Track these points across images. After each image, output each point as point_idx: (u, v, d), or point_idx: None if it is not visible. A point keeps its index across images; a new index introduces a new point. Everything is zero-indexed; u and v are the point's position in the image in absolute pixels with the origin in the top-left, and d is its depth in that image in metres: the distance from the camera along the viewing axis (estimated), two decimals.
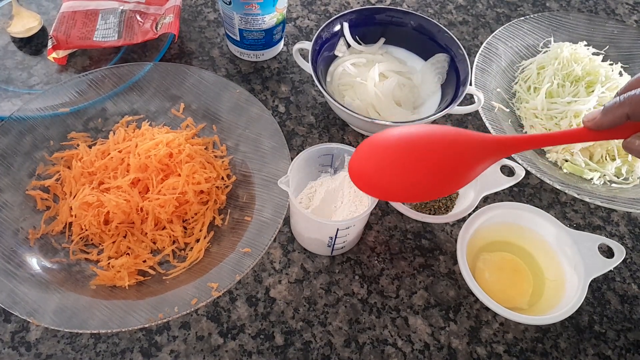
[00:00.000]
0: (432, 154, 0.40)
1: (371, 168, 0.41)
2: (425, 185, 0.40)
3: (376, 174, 0.41)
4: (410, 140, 0.41)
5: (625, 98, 0.35)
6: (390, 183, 0.40)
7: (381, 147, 0.41)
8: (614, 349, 0.49)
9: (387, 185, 0.40)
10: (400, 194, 0.42)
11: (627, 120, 0.35)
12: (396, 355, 0.47)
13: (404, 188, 0.40)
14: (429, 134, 0.41)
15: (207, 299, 0.43)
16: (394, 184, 0.40)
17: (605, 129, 0.36)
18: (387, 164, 0.40)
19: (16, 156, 0.52)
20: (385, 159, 0.40)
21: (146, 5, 0.69)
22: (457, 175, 0.40)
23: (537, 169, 0.54)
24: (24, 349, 0.45)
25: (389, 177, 0.40)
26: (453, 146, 0.40)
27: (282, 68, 0.67)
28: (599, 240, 0.48)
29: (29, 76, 0.64)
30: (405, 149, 0.40)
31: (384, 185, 0.40)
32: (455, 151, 0.39)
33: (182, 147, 0.53)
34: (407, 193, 0.41)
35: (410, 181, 0.40)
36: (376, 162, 0.41)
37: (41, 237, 0.49)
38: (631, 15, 0.80)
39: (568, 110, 0.58)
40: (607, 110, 0.36)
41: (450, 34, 0.60)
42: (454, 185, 0.40)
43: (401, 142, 0.41)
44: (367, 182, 0.41)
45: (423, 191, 0.40)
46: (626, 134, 0.36)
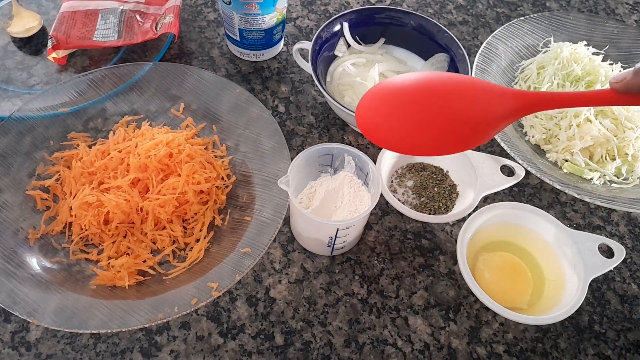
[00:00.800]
0: (449, 103, 0.36)
1: (382, 115, 0.37)
2: (443, 139, 0.36)
3: (386, 122, 0.37)
4: (427, 87, 0.37)
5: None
6: (402, 133, 0.36)
7: (394, 92, 0.37)
8: (614, 349, 0.49)
9: (399, 135, 0.36)
10: (413, 146, 0.38)
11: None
12: (396, 355, 0.47)
13: (417, 139, 0.36)
14: (447, 80, 0.37)
15: (207, 299, 0.43)
16: (407, 134, 0.36)
17: (635, 92, 0.33)
18: (399, 112, 0.36)
19: (16, 156, 0.52)
20: (398, 106, 0.37)
21: (146, 5, 0.69)
22: (475, 129, 0.36)
23: (537, 169, 0.54)
24: (24, 349, 0.45)
25: (401, 126, 0.36)
26: (473, 97, 0.36)
27: (282, 68, 0.67)
28: (599, 240, 0.48)
29: (29, 76, 0.64)
30: (421, 96, 0.36)
31: (395, 135, 0.37)
32: (476, 102, 0.36)
33: (182, 147, 0.53)
34: (421, 145, 0.37)
35: (425, 132, 0.36)
36: (388, 109, 0.37)
37: (41, 237, 0.49)
38: (631, 15, 0.80)
39: (568, 110, 0.58)
40: (639, 71, 0.32)
41: (450, 34, 0.60)
42: (472, 141, 0.36)
43: (417, 88, 0.37)
44: (376, 130, 0.37)
45: (440, 145, 0.37)
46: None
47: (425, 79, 0.37)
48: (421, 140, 0.36)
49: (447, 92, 0.36)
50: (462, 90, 0.36)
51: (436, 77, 0.37)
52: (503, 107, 0.36)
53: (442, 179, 0.56)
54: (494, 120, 0.36)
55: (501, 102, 0.36)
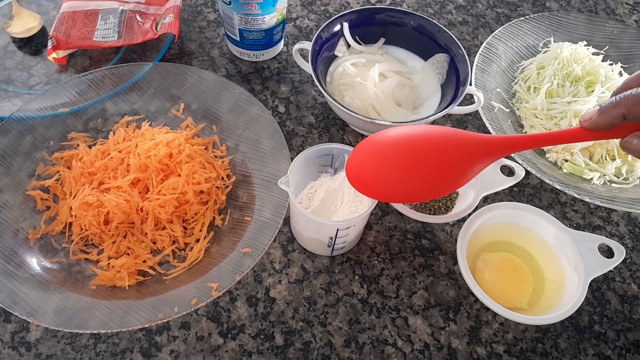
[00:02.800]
0: (430, 155, 0.40)
1: (369, 170, 0.41)
2: (424, 186, 0.40)
3: (374, 176, 0.41)
4: (408, 141, 0.41)
5: (621, 98, 0.34)
6: (389, 185, 0.40)
7: (379, 148, 0.41)
8: (614, 349, 0.49)
9: (386, 186, 0.41)
10: (399, 195, 0.42)
11: (623, 120, 0.35)
12: (396, 355, 0.47)
13: (402, 189, 0.40)
14: (427, 134, 0.41)
15: (207, 299, 0.43)
16: (393, 185, 0.40)
17: (601, 129, 0.36)
18: (385, 166, 0.40)
19: (16, 156, 0.52)
20: (383, 161, 0.41)
21: (146, 6, 0.69)
22: (455, 176, 0.40)
23: (537, 169, 0.54)
24: (24, 349, 0.45)
25: (388, 178, 0.40)
26: (451, 147, 0.40)
27: (282, 68, 0.67)
28: (599, 240, 0.48)
29: (29, 76, 0.64)
30: (404, 150, 0.40)
31: (383, 186, 0.41)
32: (453, 152, 0.40)
33: (182, 147, 0.53)
34: (406, 194, 0.41)
35: (409, 182, 0.40)
36: (374, 163, 0.41)
37: (41, 237, 0.49)
38: (631, 15, 0.80)
39: (568, 110, 0.58)
40: (603, 111, 0.35)
41: (450, 34, 0.60)
42: (453, 185, 0.41)
43: (399, 143, 0.41)
44: (365, 183, 0.41)
45: (422, 192, 0.41)
46: (623, 134, 0.36)
47: (406, 134, 0.42)
48: (405, 190, 0.40)
49: (427, 144, 0.40)
50: (441, 142, 0.40)
51: (416, 132, 0.42)
52: (481, 154, 0.40)
53: None
54: (473, 167, 0.40)
55: (479, 149, 0.40)
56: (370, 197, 0.44)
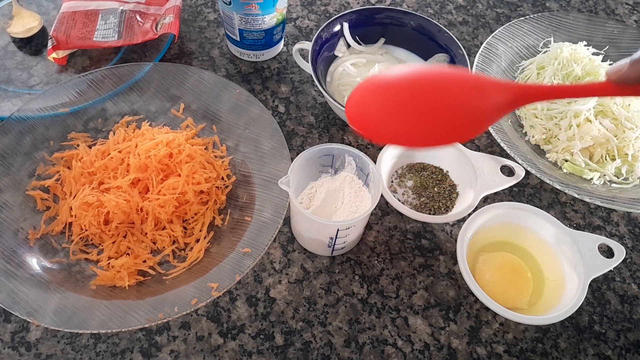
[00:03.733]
0: (441, 96, 0.35)
1: (374, 109, 0.36)
2: (435, 130, 0.35)
3: (378, 117, 0.36)
4: (418, 80, 0.36)
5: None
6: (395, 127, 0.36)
7: (386, 84, 0.37)
8: (614, 349, 0.49)
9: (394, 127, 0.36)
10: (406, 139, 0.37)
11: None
12: (396, 355, 0.47)
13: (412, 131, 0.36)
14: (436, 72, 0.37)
15: (207, 299, 0.43)
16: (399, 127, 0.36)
17: (631, 82, 0.32)
18: (391, 106, 0.36)
19: (16, 156, 0.52)
20: (390, 100, 0.36)
21: (146, 6, 0.69)
22: (470, 121, 0.35)
23: (537, 169, 0.54)
24: (24, 349, 0.45)
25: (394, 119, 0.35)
26: (466, 89, 0.35)
27: (282, 68, 0.67)
28: (599, 240, 0.48)
29: (29, 76, 0.64)
30: (413, 90, 0.36)
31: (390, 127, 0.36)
32: (468, 94, 0.35)
33: (182, 147, 0.53)
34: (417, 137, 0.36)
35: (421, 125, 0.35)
36: (380, 101, 0.36)
37: (41, 237, 0.49)
38: (631, 15, 0.80)
39: (568, 110, 0.58)
40: (635, 62, 0.31)
41: (450, 34, 0.60)
42: (467, 132, 0.36)
43: (408, 82, 0.36)
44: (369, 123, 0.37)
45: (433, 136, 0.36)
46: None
47: (417, 72, 0.37)
48: (413, 132, 0.36)
49: (440, 84, 0.36)
50: (454, 82, 0.36)
51: (428, 70, 0.37)
52: (497, 99, 0.35)
53: (442, 179, 0.56)
54: (488, 112, 0.35)
55: (495, 93, 0.35)
56: (376, 141, 0.39)
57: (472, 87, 0.36)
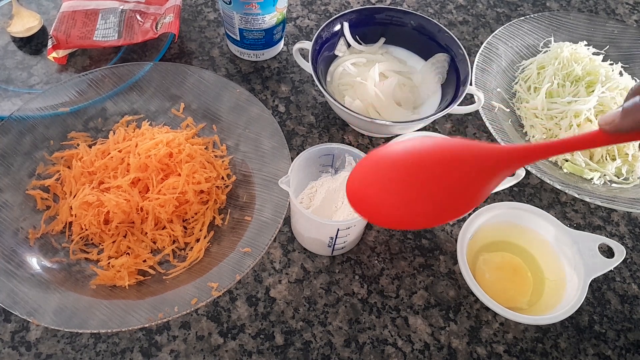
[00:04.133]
0: (441, 176, 0.35)
1: (373, 194, 0.36)
2: (434, 211, 0.36)
3: (380, 202, 0.36)
4: (416, 159, 0.36)
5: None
6: (397, 211, 0.36)
7: (383, 168, 0.37)
8: (614, 349, 0.49)
9: (394, 212, 0.36)
10: (408, 222, 0.37)
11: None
12: (396, 355, 0.47)
13: (411, 215, 0.36)
14: (435, 150, 0.37)
15: (207, 299, 0.43)
16: (401, 212, 0.36)
17: (624, 132, 0.33)
18: (391, 190, 0.36)
19: (16, 156, 0.52)
20: (389, 184, 0.36)
21: (146, 5, 0.69)
22: (471, 195, 0.36)
23: (537, 169, 0.54)
24: (24, 348, 0.45)
25: (396, 203, 0.36)
26: (463, 163, 0.35)
27: (282, 68, 0.67)
28: (599, 240, 0.48)
29: (29, 76, 0.64)
30: (411, 171, 0.36)
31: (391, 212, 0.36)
32: (466, 169, 0.35)
33: (182, 147, 0.53)
34: (417, 220, 0.37)
35: (421, 206, 0.36)
36: (379, 187, 0.36)
37: (41, 237, 0.49)
38: (631, 15, 0.80)
39: (568, 110, 0.58)
40: (627, 112, 0.32)
41: (451, 33, 0.60)
42: (467, 207, 0.36)
43: (407, 162, 0.37)
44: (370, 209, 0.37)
45: (434, 216, 0.36)
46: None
47: (414, 148, 0.37)
48: (413, 214, 0.36)
49: (436, 161, 0.36)
50: (450, 157, 0.36)
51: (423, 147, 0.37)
52: (495, 169, 0.35)
53: None
54: (488, 184, 0.36)
55: (493, 163, 0.35)
56: (376, 224, 0.39)
57: (468, 159, 0.36)
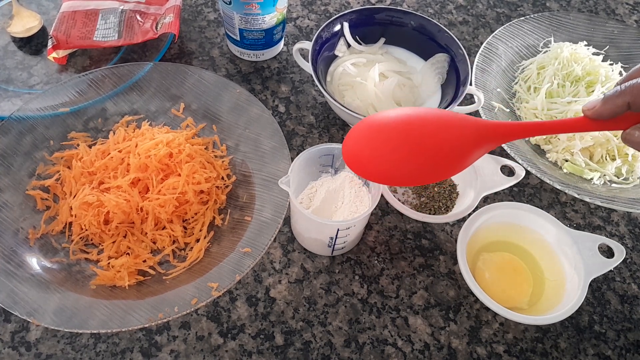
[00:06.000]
0: (431, 137, 0.39)
1: (367, 151, 0.40)
2: (423, 169, 0.39)
3: (373, 157, 0.40)
4: (408, 122, 0.40)
5: (627, 87, 0.34)
6: (388, 167, 0.40)
7: (378, 128, 0.40)
8: (614, 349, 0.49)
9: (384, 169, 0.40)
10: (397, 178, 0.41)
11: (627, 109, 0.34)
12: (396, 355, 0.47)
13: (401, 172, 0.39)
14: (426, 116, 0.40)
15: (207, 299, 0.43)
16: (391, 167, 0.39)
17: (605, 118, 0.36)
18: (384, 147, 0.39)
19: (16, 156, 0.52)
20: (383, 142, 0.40)
21: (146, 5, 0.69)
22: (455, 160, 0.39)
23: (537, 169, 0.54)
24: (24, 349, 0.45)
25: (387, 160, 0.39)
26: (453, 129, 0.39)
27: (282, 68, 0.67)
28: (599, 240, 0.48)
29: (29, 76, 0.64)
30: (403, 133, 0.39)
31: (381, 169, 0.40)
32: (454, 134, 0.39)
33: (182, 147, 0.53)
34: (404, 177, 0.40)
35: (409, 165, 0.39)
36: (373, 144, 0.40)
37: (41, 237, 0.49)
38: (631, 15, 0.80)
39: (568, 110, 0.58)
40: (607, 100, 0.35)
41: (450, 34, 0.60)
42: (450, 170, 0.40)
43: (399, 124, 0.40)
44: (363, 165, 0.40)
45: (421, 175, 0.40)
46: (626, 125, 0.36)
47: (408, 115, 0.41)
48: (404, 172, 0.40)
49: (427, 126, 0.40)
50: (440, 124, 0.40)
51: (415, 114, 0.41)
52: (481, 140, 0.39)
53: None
54: (472, 153, 0.39)
55: (479, 134, 0.39)
56: (368, 179, 0.43)
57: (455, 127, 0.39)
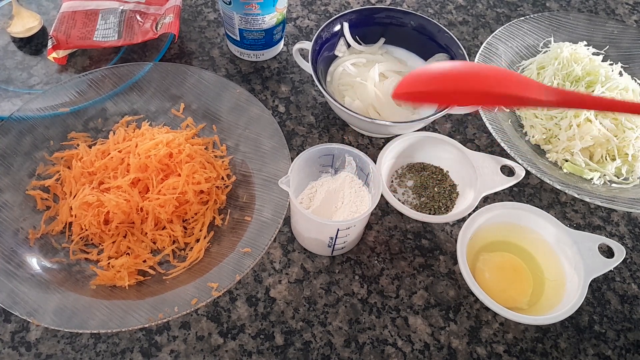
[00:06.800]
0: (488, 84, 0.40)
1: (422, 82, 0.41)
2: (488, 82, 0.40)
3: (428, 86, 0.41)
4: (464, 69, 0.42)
5: None
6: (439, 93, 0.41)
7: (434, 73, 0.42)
8: (614, 349, 0.49)
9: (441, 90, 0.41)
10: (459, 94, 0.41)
11: None
12: (396, 355, 0.47)
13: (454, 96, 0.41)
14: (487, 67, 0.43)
15: (207, 299, 0.43)
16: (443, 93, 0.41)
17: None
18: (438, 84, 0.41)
19: (16, 156, 0.52)
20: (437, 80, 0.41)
21: (146, 5, 0.69)
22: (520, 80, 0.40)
23: (537, 169, 0.54)
24: (24, 349, 0.45)
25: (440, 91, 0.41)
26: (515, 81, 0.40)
27: (282, 68, 0.67)
28: (599, 240, 0.48)
29: (29, 76, 0.64)
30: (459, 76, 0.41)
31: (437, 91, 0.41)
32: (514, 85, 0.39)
33: (182, 147, 0.53)
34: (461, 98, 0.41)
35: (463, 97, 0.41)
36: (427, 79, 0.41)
37: (41, 237, 0.49)
38: (631, 15, 0.80)
39: (568, 110, 0.58)
40: None
41: (450, 34, 0.60)
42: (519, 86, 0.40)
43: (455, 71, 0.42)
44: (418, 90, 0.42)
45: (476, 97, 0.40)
46: None
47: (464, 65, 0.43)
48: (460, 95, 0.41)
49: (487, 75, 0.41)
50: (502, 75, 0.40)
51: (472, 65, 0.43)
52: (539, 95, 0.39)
53: (442, 179, 0.56)
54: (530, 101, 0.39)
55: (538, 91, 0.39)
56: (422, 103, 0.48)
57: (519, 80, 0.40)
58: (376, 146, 0.60)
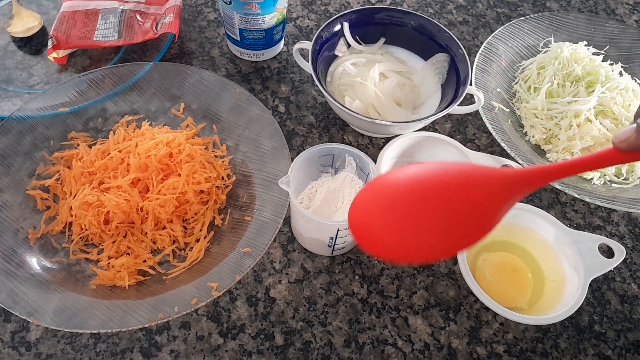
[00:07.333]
0: (448, 201, 0.33)
1: (378, 225, 0.34)
2: (448, 239, 0.33)
3: (384, 233, 0.34)
4: (422, 186, 0.35)
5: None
6: (404, 242, 0.34)
7: (388, 195, 0.35)
8: (614, 349, 0.49)
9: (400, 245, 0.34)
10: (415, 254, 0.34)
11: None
12: (396, 355, 0.47)
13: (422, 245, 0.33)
14: (441, 174, 0.35)
15: (207, 299, 0.43)
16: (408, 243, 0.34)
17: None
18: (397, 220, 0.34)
19: (16, 156, 0.52)
20: (395, 214, 0.34)
21: (146, 5, 0.69)
22: (482, 222, 0.33)
23: None
24: (24, 349, 0.45)
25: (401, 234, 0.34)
26: (473, 188, 0.34)
27: (282, 68, 0.67)
28: (599, 240, 0.48)
29: (29, 76, 0.64)
30: (418, 199, 0.34)
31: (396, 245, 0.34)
32: (476, 195, 0.33)
33: (182, 147, 0.53)
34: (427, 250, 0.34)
35: (430, 236, 0.33)
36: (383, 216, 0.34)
37: (41, 237, 0.49)
38: (631, 15, 0.80)
39: (568, 110, 0.58)
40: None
41: (451, 33, 0.60)
42: (478, 235, 0.34)
43: (412, 190, 0.35)
44: (373, 241, 0.35)
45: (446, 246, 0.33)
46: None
47: (418, 175, 0.35)
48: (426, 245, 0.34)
49: (442, 186, 0.34)
50: (460, 183, 0.34)
51: (430, 173, 0.35)
52: (508, 193, 0.34)
53: None
54: (500, 210, 0.34)
55: (505, 187, 0.34)
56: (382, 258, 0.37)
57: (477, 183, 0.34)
58: (376, 146, 0.60)
